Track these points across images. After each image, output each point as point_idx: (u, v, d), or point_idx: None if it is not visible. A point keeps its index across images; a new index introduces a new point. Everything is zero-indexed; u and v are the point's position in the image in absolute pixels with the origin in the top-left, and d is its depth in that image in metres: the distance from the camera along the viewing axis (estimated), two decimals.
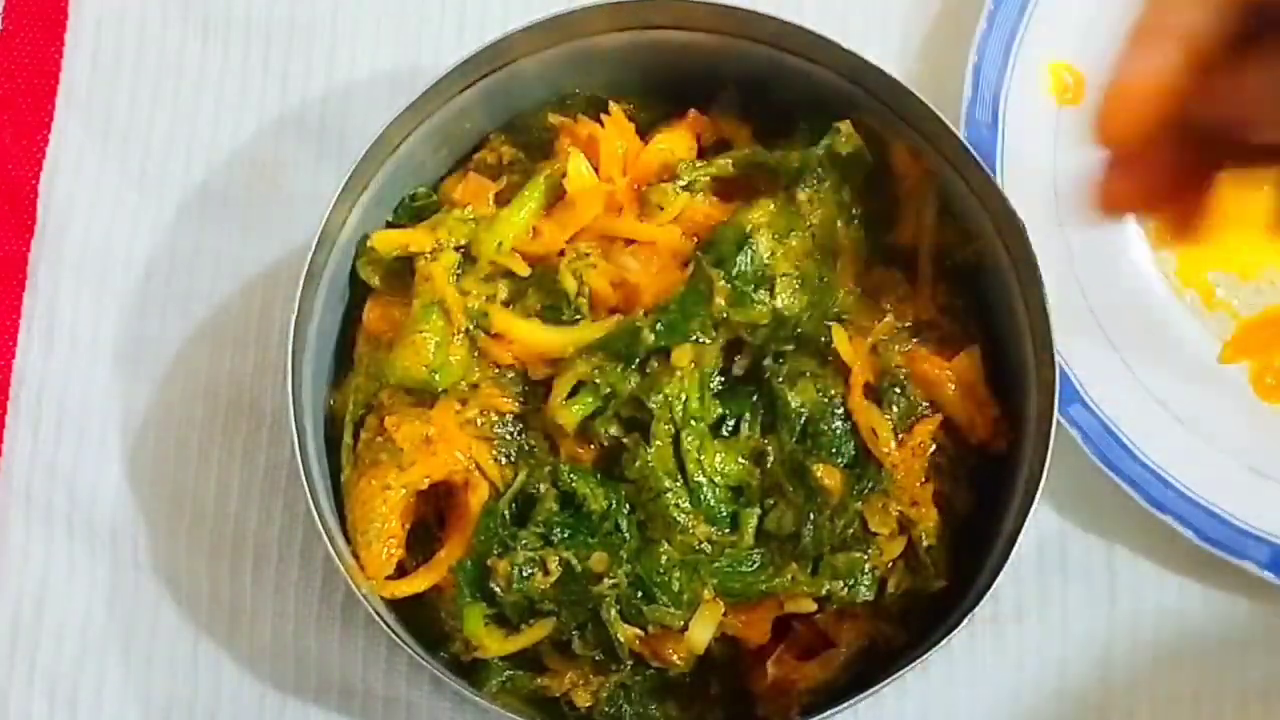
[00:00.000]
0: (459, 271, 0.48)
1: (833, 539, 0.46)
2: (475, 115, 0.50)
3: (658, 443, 0.46)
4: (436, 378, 0.47)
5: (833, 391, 0.47)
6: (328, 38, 0.57)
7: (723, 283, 0.46)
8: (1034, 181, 0.54)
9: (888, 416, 0.47)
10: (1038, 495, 0.45)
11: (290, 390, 0.47)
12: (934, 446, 0.48)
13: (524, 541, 0.46)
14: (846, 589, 0.46)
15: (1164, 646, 0.52)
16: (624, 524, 0.46)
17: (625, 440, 0.47)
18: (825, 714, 0.45)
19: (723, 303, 0.46)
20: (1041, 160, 0.54)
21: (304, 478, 0.47)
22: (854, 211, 0.49)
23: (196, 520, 0.53)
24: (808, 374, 0.47)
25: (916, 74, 0.57)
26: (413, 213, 0.51)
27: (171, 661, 0.52)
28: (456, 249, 0.49)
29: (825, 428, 0.47)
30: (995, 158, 0.53)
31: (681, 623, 0.46)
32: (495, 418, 0.48)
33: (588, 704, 0.47)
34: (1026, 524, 0.46)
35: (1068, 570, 0.53)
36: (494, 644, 0.47)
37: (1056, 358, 0.46)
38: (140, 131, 0.56)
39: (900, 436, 0.47)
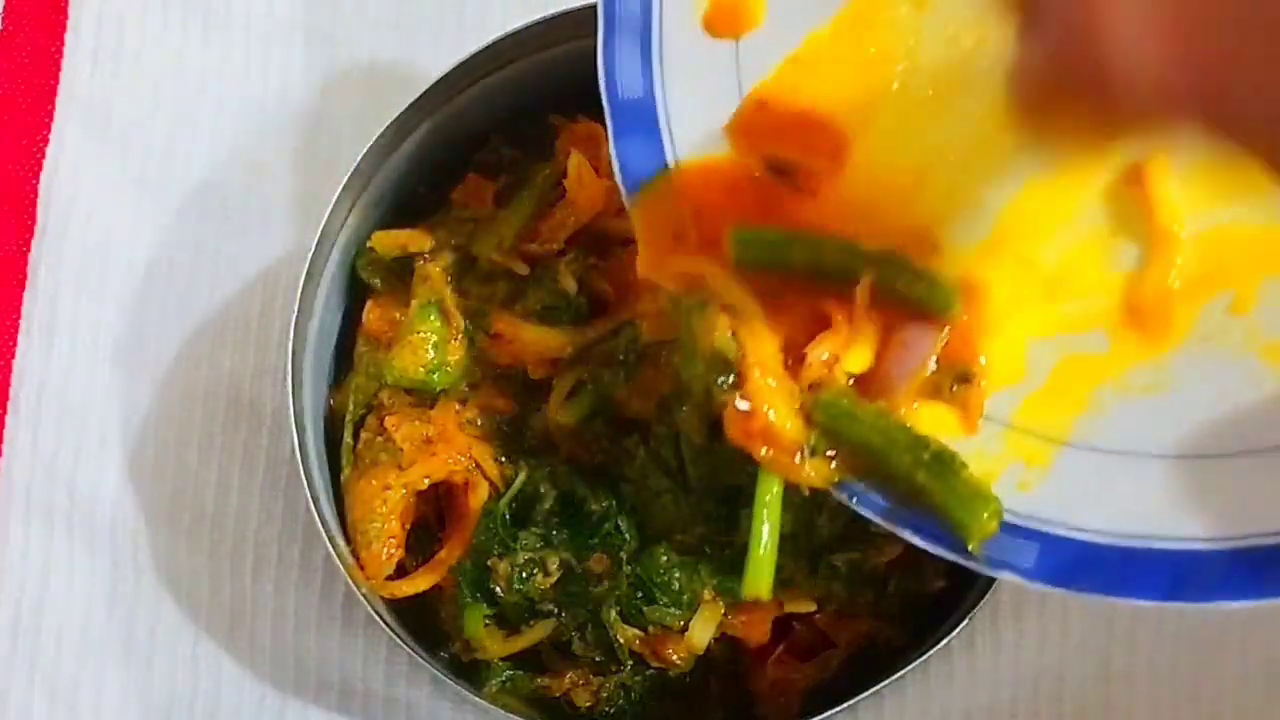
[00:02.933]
0: (458, 271, 0.48)
1: (831, 539, 0.46)
2: (475, 115, 0.50)
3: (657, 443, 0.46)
4: (435, 378, 0.48)
5: None
6: (328, 37, 0.57)
7: None
8: None
9: None
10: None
11: (290, 390, 0.47)
12: None
13: (524, 542, 0.46)
14: (846, 589, 0.46)
15: (1164, 646, 0.52)
16: (624, 524, 0.46)
17: (625, 441, 0.47)
18: (825, 714, 0.45)
19: None
20: None
21: (304, 478, 0.47)
22: None
23: (196, 520, 0.53)
24: None
25: None
26: (412, 213, 0.51)
27: (171, 661, 0.52)
28: (456, 249, 0.49)
29: None
30: None
31: (681, 623, 0.46)
32: (495, 418, 0.48)
33: (588, 704, 0.47)
34: None
35: None
36: (494, 645, 0.47)
37: None
38: (140, 131, 0.56)
39: None
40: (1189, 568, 0.36)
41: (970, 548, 0.38)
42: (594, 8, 0.43)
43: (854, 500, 0.40)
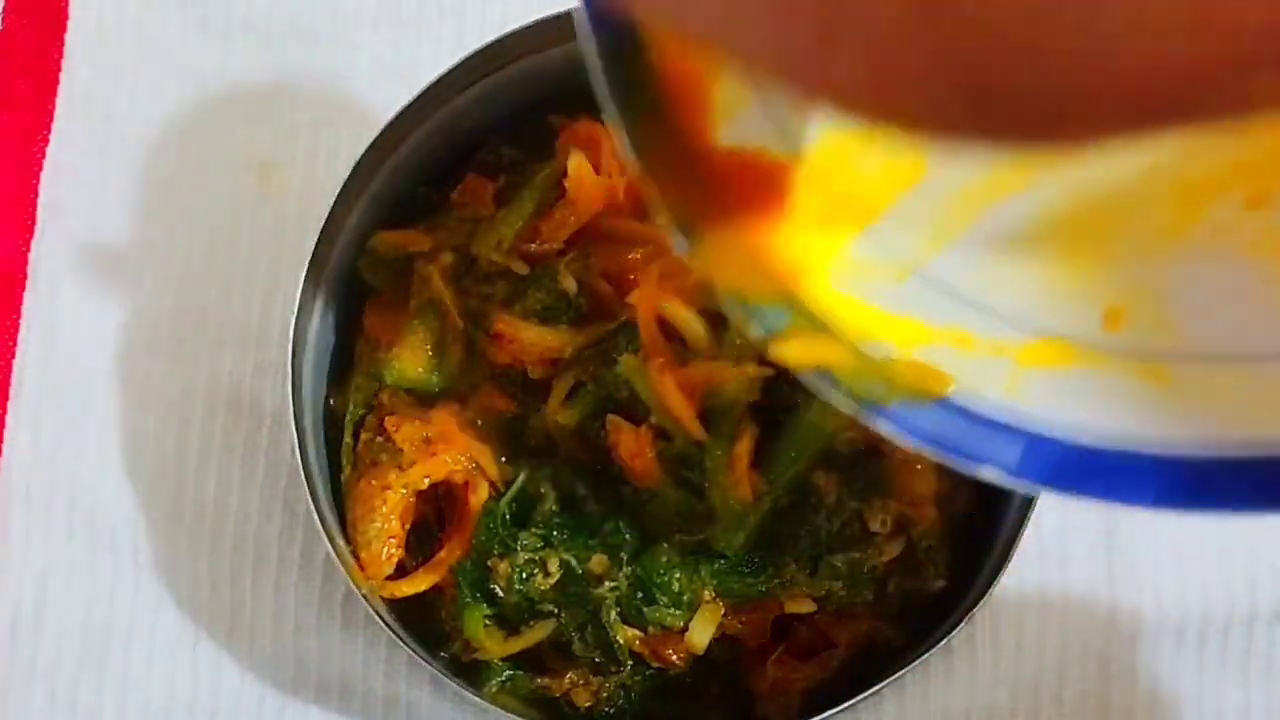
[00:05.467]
0: (458, 271, 0.48)
1: (831, 539, 0.46)
2: (475, 115, 0.50)
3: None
4: (435, 378, 0.48)
5: None
6: (327, 37, 0.57)
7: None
8: None
9: None
10: (1038, 496, 0.46)
11: (290, 390, 0.47)
12: None
13: (524, 542, 0.46)
14: (846, 589, 0.46)
15: (1164, 646, 0.52)
16: (624, 525, 0.46)
17: None
18: (825, 714, 0.45)
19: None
20: None
21: (304, 478, 0.47)
22: None
23: (196, 520, 0.53)
24: None
25: None
26: (412, 213, 0.51)
27: (171, 661, 0.52)
28: (456, 249, 0.49)
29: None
30: None
31: (681, 623, 0.46)
32: (495, 418, 0.48)
33: (588, 704, 0.47)
34: (1026, 524, 0.46)
35: (1068, 570, 0.53)
36: (494, 645, 0.47)
37: None
38: (140, 131, 0.56)
39: None
40: (1179, 474, 0.35)
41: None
42: None
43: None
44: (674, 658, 0.47)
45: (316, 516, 0.46)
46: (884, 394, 0.36)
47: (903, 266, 0.38)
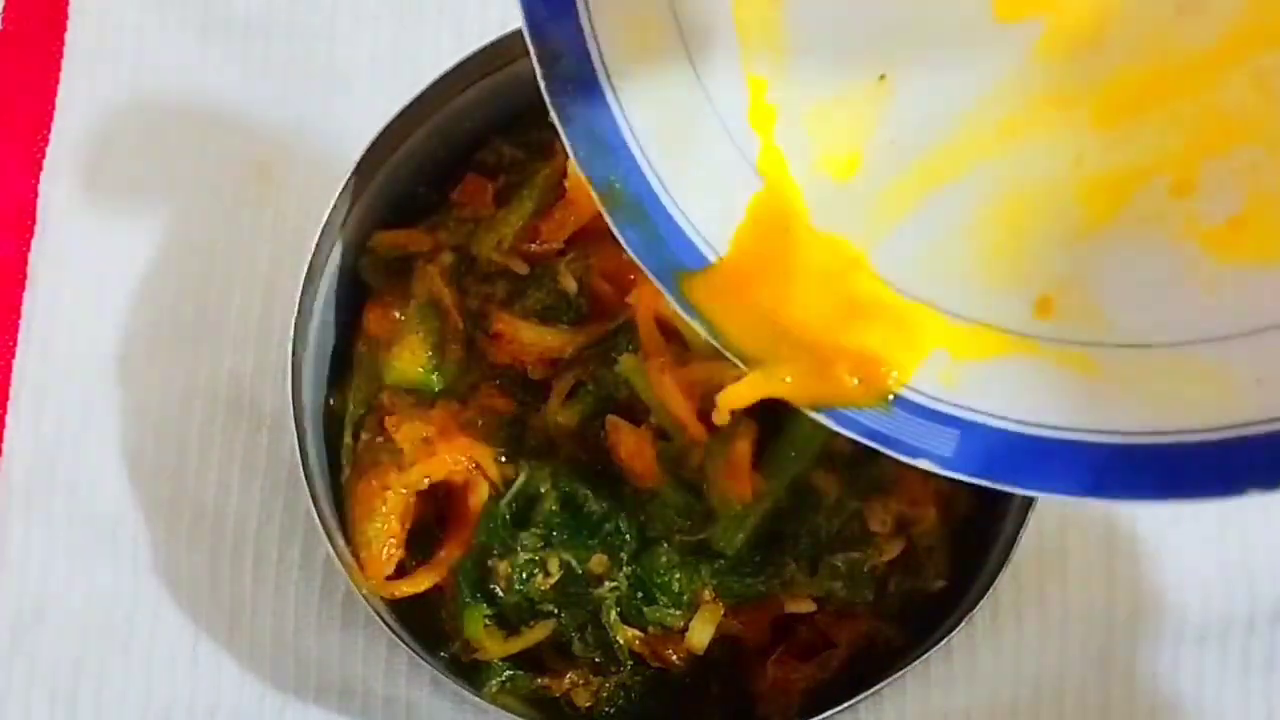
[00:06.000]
0: (458, 271, 0.48)
1: (831, 539, 0.46)
2: (475, 115, 0.50)
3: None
4: (435, 378, 0.48)
5: None
6: (327, 38, 0.57)
7: None
8: None
9: None
10: (1038, 496, 0.46)
11: (290, 390, 0.47)
12: None
13: (524, 542, 0.46)
14: (846, 589, 0.46)
15: (1165, 646, 0.52)
16: (624, 525, 0.46)
17: None
18: (825, 714, 0.45)
19: None
20: None
21: (304, 478, 0.47)
22: None
23: (196, 520, 0.53)
24: None
25: None
26: (412, 213, 0.51)
27: (171, 661, 0.52)
28: (456, 249, 0.49)
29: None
30: None
31: (681, 624, 0.46)
32: (495, 418, 0.48)
33: (588, 704, 0.47)
34: (1026, 524, 0.46)
35: (1068, 570, 0.53)
36: (494, 646, 0.47)
37: None
38: (140, 131, 0.56)
39: None
40: (1111, 463, 0.35)
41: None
42: None
43: None
44: (674, 658, 0.47)
45: (316, 516, 0.46)
46: (831, 398, 0.37)
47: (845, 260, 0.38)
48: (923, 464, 0.36)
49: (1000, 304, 0.37)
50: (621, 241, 0.38)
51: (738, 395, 0.38)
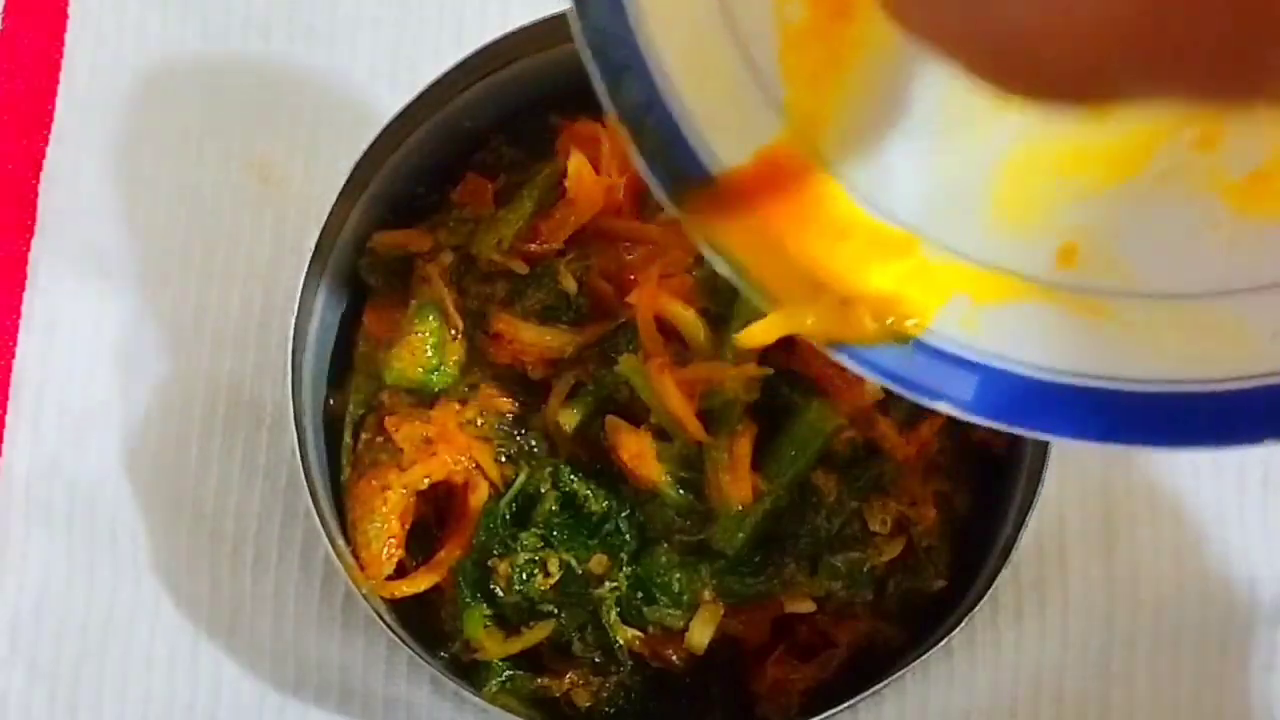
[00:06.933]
0: (458, 271, 0.48)
1: (831, 539, 0.46)
2: (475, 115, 0.50)
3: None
4: (435, 378, 0.48)
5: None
6: (327, 37, 0.57)
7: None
8: None
9: (893, 415, 0.47)
10: (1038, 496, 0.46)
11: (290, 390, 0.47)
12: (935, 446, 0.48)
13: (524, 542, 0.46)
14: (846, 589, 0.46)
15: (1164, 646, 0.52)
16: (624, 525, 0.46)
17: None
18: (825, 714, 0.45)
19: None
20: None
21: (304, 478, 0.47)
22: None
23: (196, 520, 0.53)
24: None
25: None
26: (412, 213, 0.51)
27: (171, 661, 0.52)
28: (456, 249, 0.49)
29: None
30: None
31: (681, 624, 0.46)
32: (495, 418, 0.48)
33: (588, 704, 0.47)
34: (1026, 524, 0.46)
35: (1068, 570, 0.53)
36: (494, 646, 0.47)
37: None
38: (140, 131, 0.56)
39: (906, 435, 0.47)
40: (1128, 410, 0.36)
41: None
42: None
43: None
44: (674, 658, 0.47)
45: (316, 516, 0.46)
46: (851, 339, 0.37)
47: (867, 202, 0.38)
48: (942, 406, 0.36)
49: (1023, 251, 0.37)
50: (628, 142, 0.37)
51: (759, 333, 0.38)
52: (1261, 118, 0.35)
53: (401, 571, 0.48)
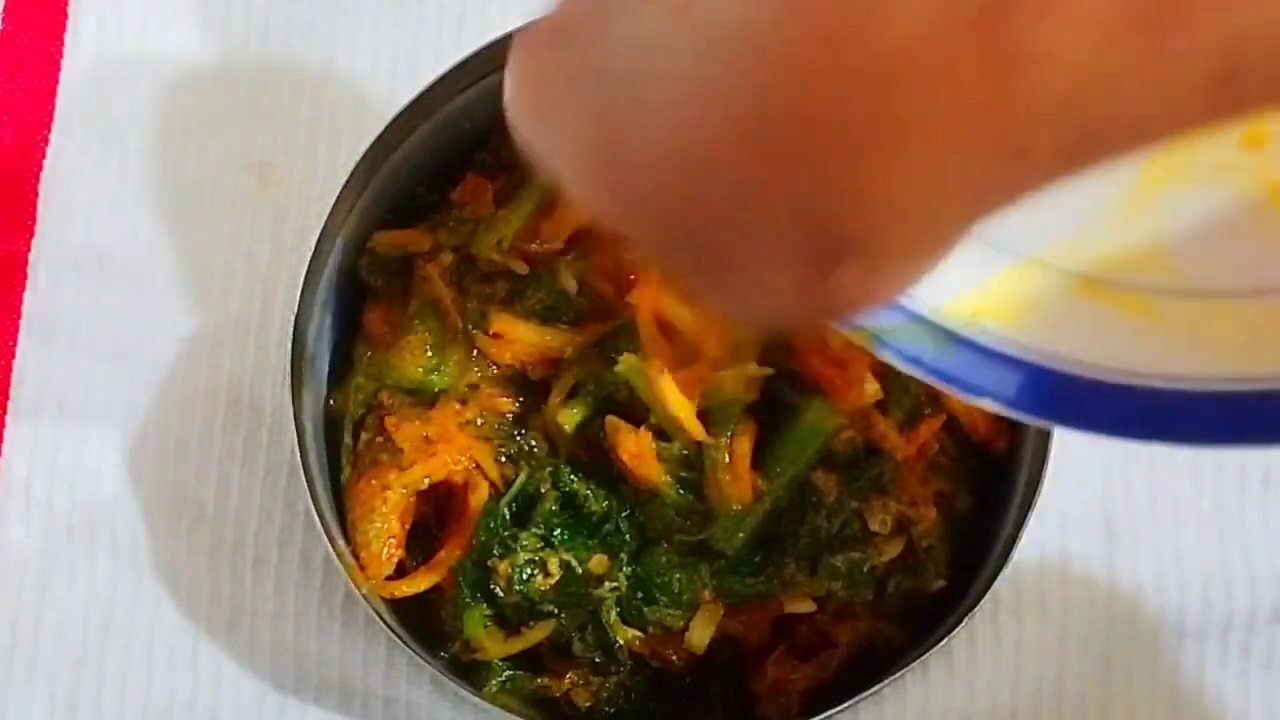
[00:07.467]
0: (458, 271, 0.48)
1: (831, 539, 0.46)
2: (475, 115, 0.50)
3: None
4: (435, 378, 0.48)
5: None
6: (327, 37, 0.57)
7: None
8: None
9: (893, 415, 0.47)
10: (1038, 496, 0.46)
11: (290, 390, 0.47)
12: (935, 446, 0.48)
13: (524, 543, 0.46)
14: (846, 589, 0.46)
15: (1165, 646, 0.52)
16: (624, 525, 0.46)
17: None
18: (825, 714, 0.45)
19: None
20: None
21: (304, 478, 0.47)
22: None
23: (196, 520, 0.53)
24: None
25: None
26: (413, 213, 0.51)
27: (171, 661, 0.52)
28: (456, 249, 0.49)
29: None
30: None
31: (681, 624, 0.46)
32: (495, 418, 0.48)
33: (588, 704, 0.47)
34: (1026, 524, 0.46)
35: (1068, 570, 0.53)
36: (494, 646, 0.47)
37: None
38: (140, 131, 0.56)
39: (906, 435, 0.47)
40: (1174, 407, 0.36)
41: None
42: None
43: None
44: (674, 658, 0.47)
45: (316, 516, 0.46)
46: (900, 332, 0.37)
47: None
48: (985, 403, 0.36)
49: (1067, 247, 0.38)
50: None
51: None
52: None
53: (401, 571, 0.48)
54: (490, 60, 0.49)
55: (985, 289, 0.37)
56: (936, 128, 0.22)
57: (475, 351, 0.48)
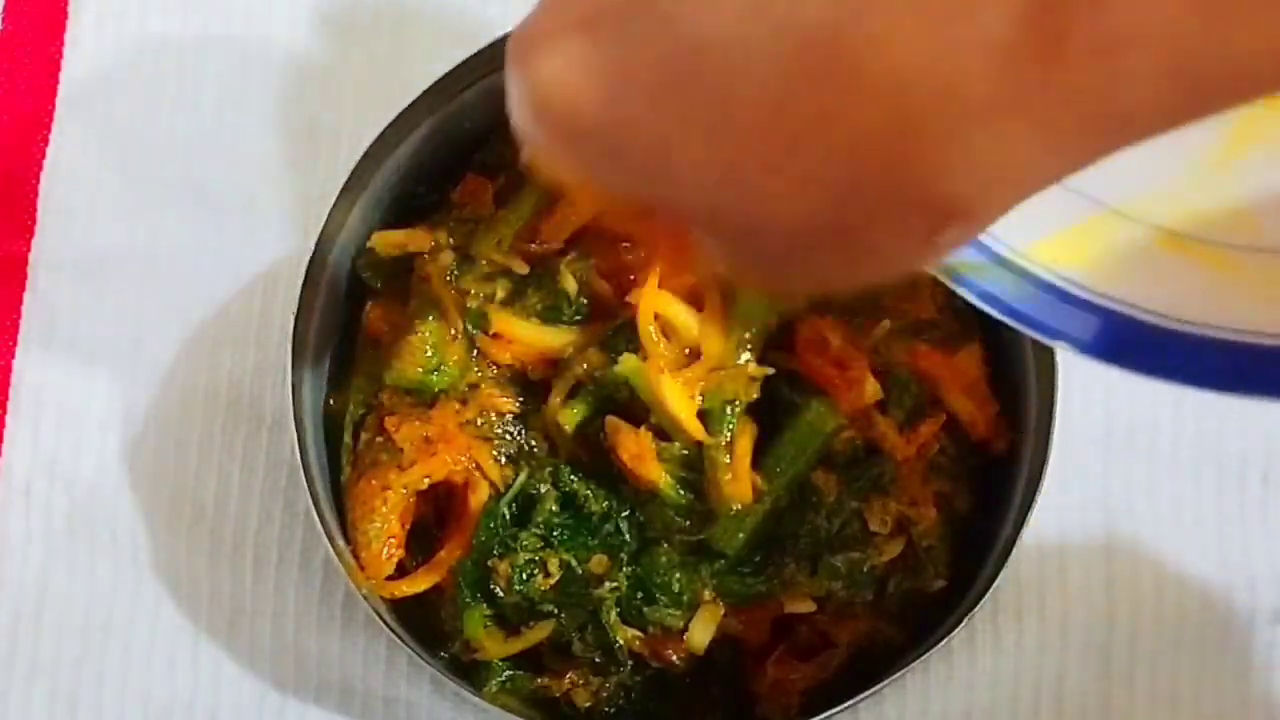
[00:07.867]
0: (458, 271, 0.48)
1: (831, 539, 0.46)
2: (475, 115, 0.50)
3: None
4: (435, 378, 0.48)
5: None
6: (327, 37, 0.57)
7: None
8: None
9: (894, 415, 0.47)
10: (1038, 496, 0.46)
11: (290, 390, 0.47)
12: (935, 446, 0.48)
13: (524, 543, 0.46)
14: (846, 589, 0.46)
15: (1164, 646, 0.52)
16: (624, 525, 0.46)
17: None
18: (825, 714, 0.45)
19: None
20: None
21: (304, 478, 0.47)
22: None
23: (196, 520, 0.53)
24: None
25: None
26: (412, 213, 0.51)
27: (171, 661, 0.52)
28: (456, 249, 0.49)
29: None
30: None
31: (681, 624, 0.46)
32: (495, 418, 0.48)
33: (588, 704, 0.47)
34: (1026, 524, 0.46)
35: (1068, 570, 0.53)
36: (494, 646, 0.47)
37: (1056, 357, 0.46)
38: (140, 131, 0.56)
39: (906, 435, 0.47)
40: (1252, 361, 0.37)
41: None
42: None
43: None
44: (674, 658, 0.47)
45: (316, 516, 0.46)
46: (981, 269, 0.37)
47: None
48: (1061, 346, 0.37)
49: (1151, 200, 0.38)
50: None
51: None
52: None
53: (401, 571, 0.48)
54: (490, 60, 0.49)
55: (1067, 236, 0.38)
56: (1035, 104, 0.24)
57: (475, 351, 0.48)
